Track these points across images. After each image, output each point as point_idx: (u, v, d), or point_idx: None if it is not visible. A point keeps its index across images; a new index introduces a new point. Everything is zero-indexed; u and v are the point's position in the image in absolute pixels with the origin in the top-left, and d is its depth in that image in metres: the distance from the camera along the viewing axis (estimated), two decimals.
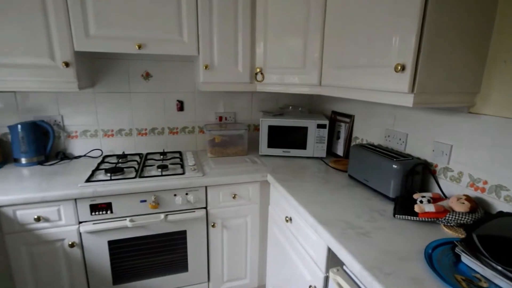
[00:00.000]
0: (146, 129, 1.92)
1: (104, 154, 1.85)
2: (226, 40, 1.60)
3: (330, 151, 1.96)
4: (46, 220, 1.31)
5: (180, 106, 1.95)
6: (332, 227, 1.00)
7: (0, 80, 1.33)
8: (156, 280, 1.56)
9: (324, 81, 1.46)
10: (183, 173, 1.52)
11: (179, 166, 1.64)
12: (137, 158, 1.79)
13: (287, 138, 1.85)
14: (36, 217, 1.28)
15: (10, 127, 1.57)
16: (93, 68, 1.72)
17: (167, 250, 1.54)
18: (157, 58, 1.83)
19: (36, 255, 1.34)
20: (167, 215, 1.47)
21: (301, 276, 1.24)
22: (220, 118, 2.06)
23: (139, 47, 1.44)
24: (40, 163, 1.64)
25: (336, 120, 1.93)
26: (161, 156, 1.81)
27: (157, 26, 1.46)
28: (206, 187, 1.52)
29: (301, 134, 1.82)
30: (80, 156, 1.80)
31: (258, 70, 1.68)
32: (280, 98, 2.17)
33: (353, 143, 1.78)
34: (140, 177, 1.46)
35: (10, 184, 1.36)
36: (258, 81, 1.70)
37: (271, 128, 1.84)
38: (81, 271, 1.42)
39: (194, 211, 1.52)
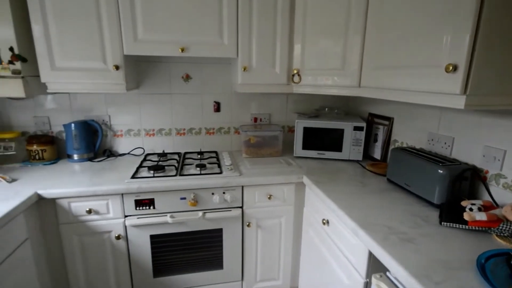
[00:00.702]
0: (184, 129, 1.99)
1: (146, 152, 1.95)
2: (264, 42, 1.62)
3: (367, 154, 1.91)
4: (96, 212, 1.41)
5: (217, 107, 2.00)
6: (374, 232, 0.98)
7: (58, 82, 1.46)
8: (193, 275, 1.62)
9: (364, 83, 1.43)
10: (221, 173, 1.57)
11: (216, 165, 1.69)
12: (176, 156, 1.87)
13: (322, 140, 1.83)
14: (88, 209, 1.39)
15: (65, 125, 1.71)
16: (138, 70, 1.83)
17: (204, 247, 1.59)
18: (197, 61, 1.90)
19: (86, 244, 1.44)
20: (205, 213, 1.52)
21: (337, 280, 1.22)
22: (255, 119, 2.09)
23: (182, 50, 1.51)
24: (90, 159, 1.77)
25: (374, 122, 1.88)
26: (199, 156, 1.87)
27: (199, 30, 1.52)
28: (242, 187, 1.55)
29: (337, 136, 1.80)
30: (124, 154, 1.91)
31: (295, 71, 1.68)
32: (315, 100, 2.15)
33: (391, 147, 1.72)
34: (180, 175, 1.53)
35: (65, 178, 1.48)
36: (295, 82, 1.71)
37: (306, 130, 1.84)
38: (125, 262, 1.51)
39: (230, 210, 1.56)
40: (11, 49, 1.34)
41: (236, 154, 1.97)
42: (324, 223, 1.32)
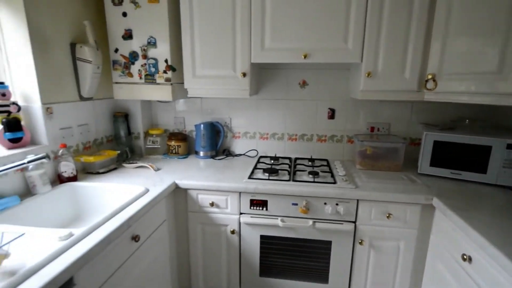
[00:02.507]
0: (296, 135, 2.01)
1: (259, 154, 2.05)
2: (393, 45, 1.47)
3: None
4: (217, 206, 1.55)
5: (331, 114, 1.94)
6: None
7: (197, 88, 1.69)
8: (296, 283, 1.60)
9: None
10: (335, 182, 1.50)
11: (329, 174, 1.63)
12: (288, 161, 1.89)
13: (458, 157, 1.54)
14: (211, 202, 1.54)
15: (196, 125, 1.97)
16: (259, 77, 1.94)
17: (311, 257, 1.55)
18: (315, 67, 1.89)
19: (207, 233, 1.61)
20: (315, 222, 1.48)
21: None
22: (372, 129, 1.93)
23: (305, 56, 1.52)
24: (212, 157, 1.98)
25: None
26: (310, 162, 1.84)
27: (324, 36, 1.50)
28: (357, 200, 1.45)
29: (480, 155, 1.48)
30: (240, 155, 2.06)
31: (429, 76, 1.47)
32: (447, 109, 1.84)
33: None
34: (293, 180, 1.53)
35: (194, 172, 1.68)
36: (428, 89, 1.49)
37: (437, 144, 1.58)
38: (236, 255, 1.61)
39: (342, 223, 1.47)
40: (166, 61, 1.62)
41: (348, 164, 1.86)
42: (464, 259, 1.09)
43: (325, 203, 1.47)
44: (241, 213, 1.55)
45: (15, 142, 1.31)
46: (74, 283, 0.88)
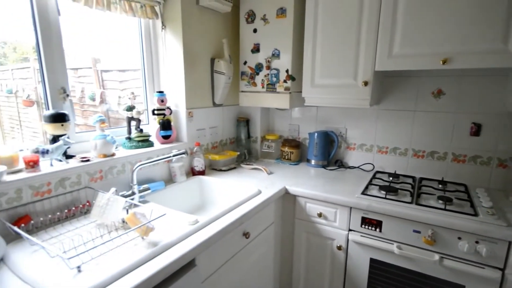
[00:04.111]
0: (424, 151, 1.74)
1: (376, 169, 1.88)
2: None
3: None
4: (325, 218, 1.51)
5: (475, 130, 1.59)
6: None
7: (314, 97, 1.70)
8: None
9: None
10: (476, 215, 1.21)
11: (467, 203, 1.33)
12: (410, 180, 1.66)
13: None
14: (318, 212, 1.51)
15: (309, 133, 1.98)
16: (382, 85, 1.78)
17: None
18: (456, 73, 1.59)
19: (311, 243, 1.58)
20: (443, 258, 1.24)
21: None
22: None
23: (444, 62, 1.30)
24: (323, 166, 1.94)
25: None
26: (440, 185, 1.56)
27: (472, 36, 1.24)
28: (509, 242, 1.13)
29: None
30: (353, 167, 1.94)
31: None
32: None
33: None
34: (417, 204, 1.33)
35: (304, 180, 1.68)
36: None
37: None
38: (340, 274, 1.52)
39: (483, 268, 1.17)
40: (287, 71, 1.70)
41: (497, 195, 1.47)
42: None
43: (459, 238, 1.21)
44: (350, 230, 1.46)
45: (165, 138, 1.63)
46: (195, 264, 1.02)
